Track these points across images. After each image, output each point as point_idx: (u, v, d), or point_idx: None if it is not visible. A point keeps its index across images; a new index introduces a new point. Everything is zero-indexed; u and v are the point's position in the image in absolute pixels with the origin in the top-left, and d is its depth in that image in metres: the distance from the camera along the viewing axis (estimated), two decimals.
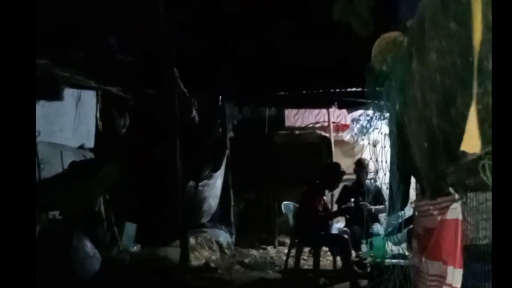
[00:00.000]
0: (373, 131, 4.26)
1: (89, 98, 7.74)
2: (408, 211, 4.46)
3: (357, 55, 3.77)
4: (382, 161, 3.61)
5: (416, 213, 2.95)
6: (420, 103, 2.16)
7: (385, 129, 3.66)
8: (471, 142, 1.49)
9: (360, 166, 7.50)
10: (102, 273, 6.10)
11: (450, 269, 2.12)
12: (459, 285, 2.09)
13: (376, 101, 3.16)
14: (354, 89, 7.35)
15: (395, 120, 2.92)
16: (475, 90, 1.47)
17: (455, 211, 2.08)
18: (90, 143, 7.81)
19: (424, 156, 2.27)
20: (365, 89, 3.28)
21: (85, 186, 6.43)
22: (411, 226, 3.48)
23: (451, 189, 1.78)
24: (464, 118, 1.53)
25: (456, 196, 1.95)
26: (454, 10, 1.63)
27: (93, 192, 6.55)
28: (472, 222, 2.02)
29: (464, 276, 2.07)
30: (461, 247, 2.06)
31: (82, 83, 7.03)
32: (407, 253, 3.91)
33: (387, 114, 3.22)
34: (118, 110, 8.00)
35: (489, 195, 1.71)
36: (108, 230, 6.67)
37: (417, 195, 3.49)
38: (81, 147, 7.66)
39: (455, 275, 2.09)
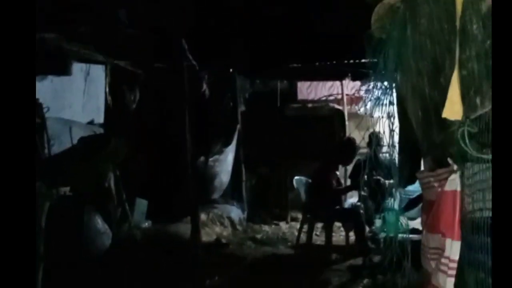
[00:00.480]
0: (386, 103, 4.19)
1: (98, 72, 7.72)
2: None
3: (368, 24, 3.68)
4: (395, 134, 3.56)
5: (420, 186, 2.91)
6: (413, 71, 2.10)
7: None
8: (453, 108, 1.43)
9: (374, 139, 7.40)
10: (113, 250, 6.14)
11: (448, 241, 2.09)
12: (457, 257, 2.05)
13: (376, 71, 3.09)
14: (368, 60, 7.21)
15: (396, 90, 2.86)
16: (457, 55, 1.40)
17: (453, 182, 2.03)
18: (100, 119, 7.80)
19: (419, 125, 2.21)
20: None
21: (94, 162, 6.42)
22: None
23: (449, 160, 1.72)
24: None
25: (455, 167, 1.89)
26: None
27: (103, 168, 6.54)
28: (468, 193, 1.97)
29: (461, 248, 2.03)
30: (459, 219, 2.02)
31: (91, 58, 7.00)
32: (421, 228, 3.87)
33: (392, 84, 3.16)
34: (128, 84, 7.96)
35: (483, 165, 1.65)
36: (118, 206, 6.68)
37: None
38: (91, 122, 7.66)
39: (453, 248, 2.05)
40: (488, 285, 1.75)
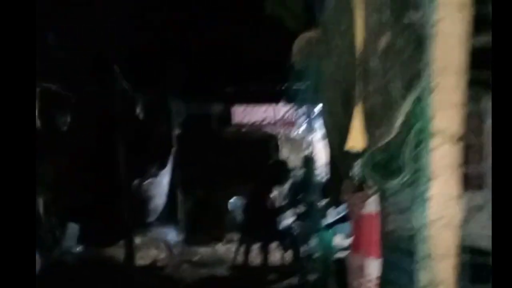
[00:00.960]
0: (316, 127, 4.35)
1: None
2: None
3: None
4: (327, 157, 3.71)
5: (345, 207, 3.05)
6: (330, 100, 2.23)
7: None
8: (355, 139, 1.55)
9: (307, 161, 7.59)
10: (42, 275, 5.96)
11: (368, 260, 2.21)
12: (375, 275, 2.17)
13: (296, 98, 3.25)
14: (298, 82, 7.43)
15: (321, 116, 3.01)
16: (357, 90, 1.52)
17: (371, 205, 2.16)
18: None
19: (337, 151, 2.34)
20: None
21: None
22: None
23: (364, 186, 1.84)
24: None
25: (371, 191, 2.02)
26: (345, 9, 1.68)
27: None
28: (383, 215, 2.10)
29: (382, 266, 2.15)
30: (377, 239, 2.14)
31: None
32: None
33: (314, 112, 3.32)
34: (59, 108, 7.80)
35: (396, 187, 1.77)
36: (49, 231, 6.51)
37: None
38: None
39: (372, 266, 2.17)
40: None
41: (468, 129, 1.28)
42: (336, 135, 2.26)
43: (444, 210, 1.32)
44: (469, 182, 1.36)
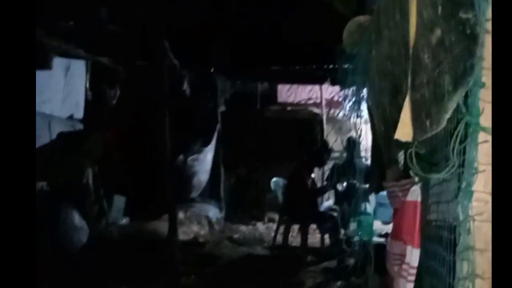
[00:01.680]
0: (362, 109, 4.36)
1: (79, 68, 7.76)
2: None
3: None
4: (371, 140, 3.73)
5: (387, 194, 3.07)
6: (377, 89, 2.25)
7: None
8: (404, 130, 1.58)
9: (351, 144, 7.59)
10: (89, 246, 6.21)
11: (409, 248, 2.23)
12: (416, 264, 2.20)
13: (346, 83, 3.28)
14: (347, 65, 7.39)
15: (366, 102, 3.03)
16: (409, 81, 1.55)
17: (414, 193, 2.18)
18: (79, 114, 7.85)
19: (382, 139, 2.37)
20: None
21: (73, 158, 6.49)
22: None
23: (411, 172, 1.87)
24: None
25: (416, 179, 2.04)
26: (399, 1, 1.70)
27: (81, 163, 6.61)
28: (426, 204, 2.13)
29: (420, 255, 2.18)
30: (419, 228, 2.17)
31: (72, 53, 7.04)
32: None
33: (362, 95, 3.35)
34: (109, 81, 8.02)
35: (440, 179, 1.80)
36: (96, 202, 6.75)
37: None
38: (70, 117, 7.70)
39: (413, 255, 2.20)
40: None
41: None
42: (382, 124, 2.29)
43: (486, 205, 1.36)
44: None
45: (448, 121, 1.48)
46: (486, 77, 1.31)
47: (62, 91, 7.55)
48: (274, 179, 7.99)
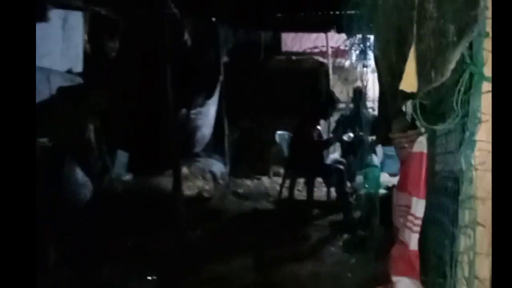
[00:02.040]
0: (369, 58, 4.37)
1: (77, 19, 7.71)
2: None
3: None
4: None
5: (394, 146, 3.13)
6: (383, 38, 2.27)
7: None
8: (409, 81, 1.63)
9: (357, 94, 7.59)
10: (93, 202, 6.31)
11: (414, 199, 2.30)
12: (421, 215, 2.27)
13: (348, 27, 3.29)
14: (354, 11, 7.33)
15: (372, 51, 3.05)
16: (414, 31, 1.58)
17: (420, 144, 2.24)
18: (79, 67, 7.84)
19: (388, 90, 2.40)
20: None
21: (73, 112, 6.53)
22: None
23: (417, 123, 1.91)
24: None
25: (422, 130, 2.09)
26: None
27: (83, 119, 6.65)
28: (432, 156, 2.18)
29: (426, 206, 2.26)
30: (425, 179, 2.23)
31: (69, 3, 7.00)
32: None
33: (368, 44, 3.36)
34: (108, 32, 7.98)
35: (445, 129, 1.85)
36: (99, 158, 6.82)
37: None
38: (69, 71, 7.69)
39: (418, 206, 2.27)
40: (443, 242, 1.98)
41: None
42: (388, 74, 2.33)
43: (489, 155, 1.42)
44: None
45: (453, 71, 1.52)
46: (490, 27, 1.34)
47: (60, 44, 7.52)
48: (279, 132, 8.04)
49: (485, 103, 1.38)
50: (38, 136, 6.07)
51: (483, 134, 1.40)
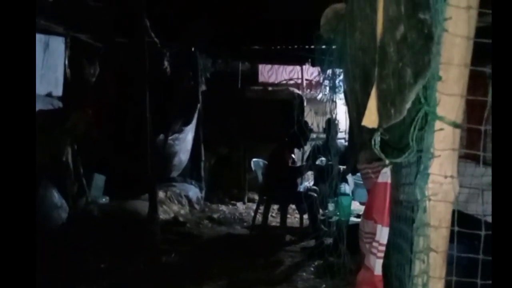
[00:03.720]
0: (342, 91, 4.52)
1: (58, 44, 7.77)
2: None
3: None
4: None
5: (361, 176, 3.26)
6: (350, 76, 2.42)
7: None
8: (371, 117, 1.77)
9: (330, 125, 7.73)
10: (69, 224, 6.32)
11: (379, 227, 2.42)
12: (385, 241, 2.39)
13: (324, 68, 3.44)
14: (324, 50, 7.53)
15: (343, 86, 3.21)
16: (376, 72, 1.73)
17: (385, 175, 2.36)
18: (58, 91, 7.88)
19: (355, 123, 2.54)
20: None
21: (52, 135, 6.57)
22: None
23: (381, 155, 2.04)
24: None
25: (386, 161, 2.21)
26: None
27: (61, 141, 6.69)
28: (394, 186, 2.31)
29: (389, 233, 2.38)
30: (388, 208, 2.35)
31: (51, 29, 7.08)
32: None
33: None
34: (88, 58, 8.06)
35: (403, 163, 1.99)
36: (76, 181, 6.85)
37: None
38: (49, 95, 7.74)
39: (382, 233, 2.39)
40: (403, 266, 2.09)
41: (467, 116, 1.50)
42: (354, 109, 2.47)
43: (441, 187, 1.54)
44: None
45: (409, 110, 1.65)
46: (443, 71, 1.48)
47: (40, 68, 7.57)
48: (254, 159, 8.16)
49: (437, 140, 1.51)
50: None
51: (436, 168, 1.53)
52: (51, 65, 7.79)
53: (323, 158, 7.21)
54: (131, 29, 6.63)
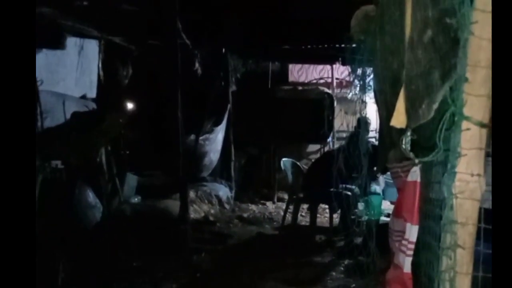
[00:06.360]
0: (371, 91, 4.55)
1: (92, 47, 7.98)
2: None
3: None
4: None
5: (391, 175, 3.29)
6: (380, 76, 2.47)
7: None
8: (399, 118, 1.82)
9: (360, 124, 7.72)
10: (103, 224, 6.47)
11: (408, 225, 2.47)
12: (414, 239, 2.44)
13: (354, 67, 3.49)
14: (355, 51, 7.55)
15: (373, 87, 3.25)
16: (404, 73, 1.78)
17: (414, 174, 2.41)
18: (92, 93, 8.09)
19: (384, 123, 2.59)
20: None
21: (87, 137, 6.73)
22: None
23: (411, 154, 2.08)
24: None
25: (416, 160, 2.26)
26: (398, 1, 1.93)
27: (96, 143, 6.86)
28: (424, 184, 2.36)
29: (418, 232, 2.42)
30: (418, 206, 2.39)
31: (85, 32, 7.26)
32: None
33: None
34: (121, 60, 8.24)
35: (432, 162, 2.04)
36: (109, 181, 7.01)
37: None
38: (83, 97, 7.93)
39: (411, 231, 2.43)
40: (432, 263, 2.14)
41: None
42: (384, 109, 2.52)
43: (467, 185, 1.60)
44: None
45: (440, 111, 1.71)
46: (470, 73, 1.54)
47: (75, 71, 7.78)
48: (284, 159, 8.21)
49: (464, 139, 1.57)
50: (52, 158, 6.28)
51: (462, 166, 1.59)
52: (86, 67, 7.99)
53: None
54: (163, 31, 6.76)
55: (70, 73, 7.64)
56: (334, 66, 10.53)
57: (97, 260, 5.38)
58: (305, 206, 8.29)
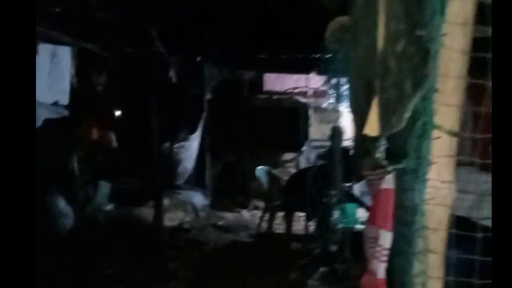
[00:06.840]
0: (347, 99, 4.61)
1: (65, 54, 7.89)
2: None
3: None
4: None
5: (366, 183, 3.34)
6: (354, 85, 2.53)
7: None
8: (372, 126, 1.88)
9: (335, 133, 7.79)
10: (75, 231, 6.41)
11: (382, 232, 2.51)
12: (388, 246, 2.49)
13: (327, 70, 3.56)
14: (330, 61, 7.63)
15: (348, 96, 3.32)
16: (377, 83, 1.84)
17: (388, 181, 2.46)
18: (65, 100, 7.99)
19: (358, 131, 2.65)
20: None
21: (59, 144, 6.67)
22: None
23: (384, 162, 2.14)
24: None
25: (389, 168, 2.31)
26: (371, 10, 1.99)
27: (68, 150, 6.80)
28: (397, 191, 2.41)
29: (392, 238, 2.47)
30: (391, 212, 2.44)
31: (58, 39, 7.20)
32: None
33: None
34: (95, 67, 8.18)
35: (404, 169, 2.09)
36: (82, 188, 6.95)
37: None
38: (55, 103, 7.84)
39: (386, 238, 2.48)
40: (405, 268, 2.19)
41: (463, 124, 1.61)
42: (358, 118, 2.58)
43: (438, 191, 1.66)
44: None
45: (411, 120, 1.76)
46: (440, 83, 1.60)
47: (47, 78, 7.67)
48: (259, 167, 8.24)
49: (435, 148, 1.63)
50: None
51: (434, 174, 1.64)
52: (59, 74, 7.89)
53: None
54: (138, 39, 6.74)
55: (42, 79, 7.53)
56: (309, 75, 10.59)
57: (69, 268, 5.32)
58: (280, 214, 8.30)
